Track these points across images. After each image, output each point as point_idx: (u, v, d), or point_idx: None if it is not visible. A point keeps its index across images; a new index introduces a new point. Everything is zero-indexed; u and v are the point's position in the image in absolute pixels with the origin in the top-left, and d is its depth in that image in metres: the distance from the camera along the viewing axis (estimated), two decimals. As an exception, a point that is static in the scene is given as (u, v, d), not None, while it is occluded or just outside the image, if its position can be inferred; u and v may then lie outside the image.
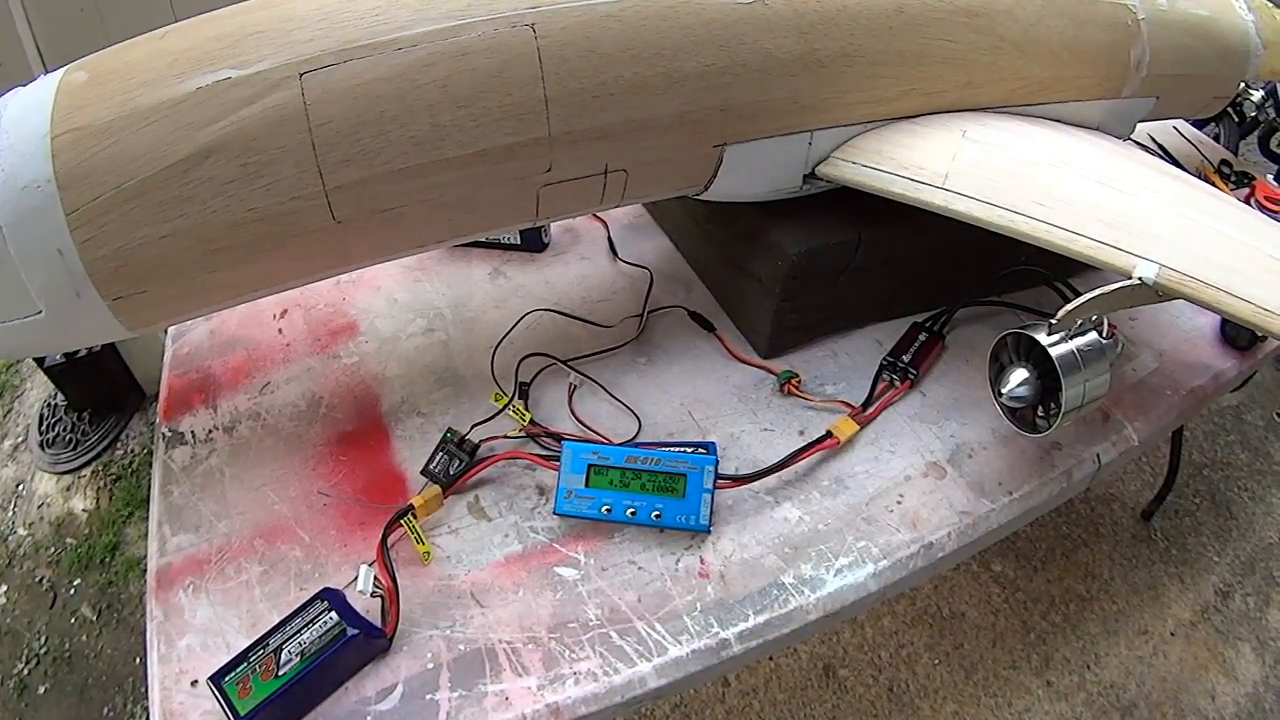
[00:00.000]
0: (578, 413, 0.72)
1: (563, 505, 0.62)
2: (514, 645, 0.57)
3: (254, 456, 0.71)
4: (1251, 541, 1.56)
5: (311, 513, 0.66)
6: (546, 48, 0.55)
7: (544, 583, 0.61)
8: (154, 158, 0.50)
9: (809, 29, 0.61)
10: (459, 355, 0.79)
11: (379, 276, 0.88)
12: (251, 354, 0.81)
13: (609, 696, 0.55)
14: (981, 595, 1.52)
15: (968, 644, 1.45)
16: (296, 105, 0.51)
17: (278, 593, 0.61)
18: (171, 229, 0.51)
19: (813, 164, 0.69)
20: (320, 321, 0.84)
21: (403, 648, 0.58)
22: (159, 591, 0.62)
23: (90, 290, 0.52)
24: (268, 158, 0.51)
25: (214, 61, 0.51)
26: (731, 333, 0.80)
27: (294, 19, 0.53)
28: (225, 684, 0.53)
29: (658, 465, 0.62)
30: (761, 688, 1.41)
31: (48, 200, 0.49)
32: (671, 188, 0.68)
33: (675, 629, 0.58)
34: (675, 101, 0.59)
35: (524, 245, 0.90)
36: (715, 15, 0.59)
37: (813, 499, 0.65)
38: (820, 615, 0.59)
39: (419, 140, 0.54)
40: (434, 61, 0.53)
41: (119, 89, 0.51)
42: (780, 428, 0.71)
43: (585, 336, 0.80)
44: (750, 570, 0.61)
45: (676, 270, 0.87)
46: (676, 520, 0.61)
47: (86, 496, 1.80)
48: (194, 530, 0.65)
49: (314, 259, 0.58)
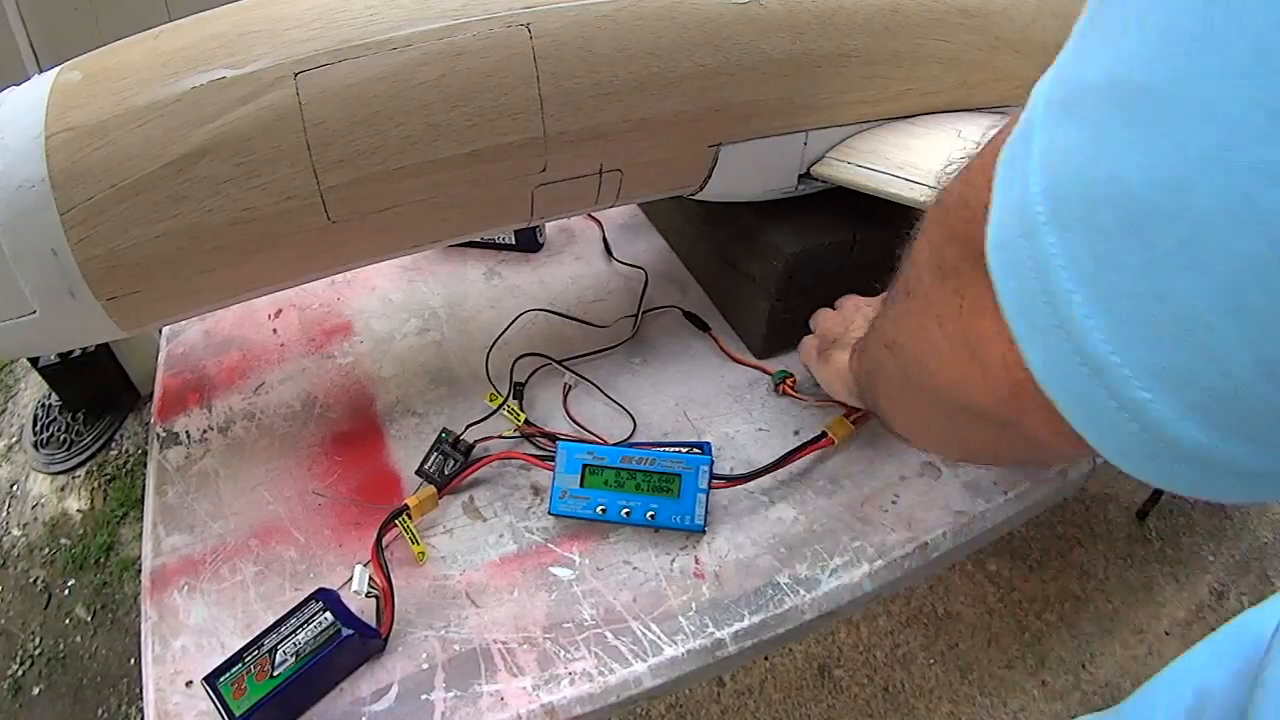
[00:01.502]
0: (573, 413, 0.72)
1: (557, 505, 0.62)
2: (509, 645, 0.57)
3: (249, 457, 0.71)
4: (1246, 541, 1.56)
5: (306, 513, 0.66)
6: (541, 48, 0.55)
7: (539, 583, 0.61)
8: (148, 157, 0.50)
9: (804, 29, 0.61)
10: (454, 355, 0.79)
11: (374, 276, 0.88)
12: (246, 354, 0.81)
13: (604, 696, 0.55)
14: (977, 595, 1.53)
15: (963, 644, 1.46)
16: (291, 105, 0.51)
17: (272, 593, 0.61)
18: (166, 229, 0.51)
19: (808, 164, 0.69)
20: (315, 321, 0.84)
21: (398, 648, 0.58)
22: (153, 592, 0.62)
23: (84, 290, 0.52)
24: (262, 157, 0.51)
25: (208, 61, 0.51)
26: (726, 333, 0.80)
27: (288, 19, 0.53)
28: (220, 685, 0.53)
29: (652, 465, 0.62)
30: (757, 688, 1.42)
31: (42, 200, 0.49)
32: (667, 188, 0.68)
33: (670, 629, 0.58)
34: (670, 101, 0.59)
35: (519, 245, 0.90)
36: (710, 15, 0.59)
37: (808, 499, 0.65)
38: (815, 615, 0.59)
39: (414, 140, 0.54)
40: (429, 61, 0.53)
41: (113, 88, 0.51)
42: (775, 428, 0.71)
43: (580, 336, 0.80)
44: (745, 570, 0.61)
45: (671, 270, 0.88)
46: (671, 520, 0.61)
47: (81, 497, 1.80)
48: (189, 531, 0.65)
49: (309, 259, 0.58)
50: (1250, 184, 0.17)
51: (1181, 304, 0.19)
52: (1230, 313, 0.18)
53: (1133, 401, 0.21)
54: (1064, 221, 0.21)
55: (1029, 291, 0.23)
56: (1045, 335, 0.22)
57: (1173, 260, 0.19)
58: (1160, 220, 0.19)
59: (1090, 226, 0.21)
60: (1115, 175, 0.20)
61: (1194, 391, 0.19)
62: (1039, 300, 0.22)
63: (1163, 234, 0.19)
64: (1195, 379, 0.19)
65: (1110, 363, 0.21)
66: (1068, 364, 0.22)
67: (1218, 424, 0.20)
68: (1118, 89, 0.21)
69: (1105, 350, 0.21)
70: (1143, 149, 0.20)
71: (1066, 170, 0.22)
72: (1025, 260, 0.23)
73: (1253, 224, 0.17)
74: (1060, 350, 0.22)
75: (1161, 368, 0.20)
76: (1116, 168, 0.20)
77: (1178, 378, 0.20)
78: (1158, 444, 0.21)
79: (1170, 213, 0.19)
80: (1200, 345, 0.19)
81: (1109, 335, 0.21)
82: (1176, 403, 0.20)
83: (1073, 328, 0.21)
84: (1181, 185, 0.18)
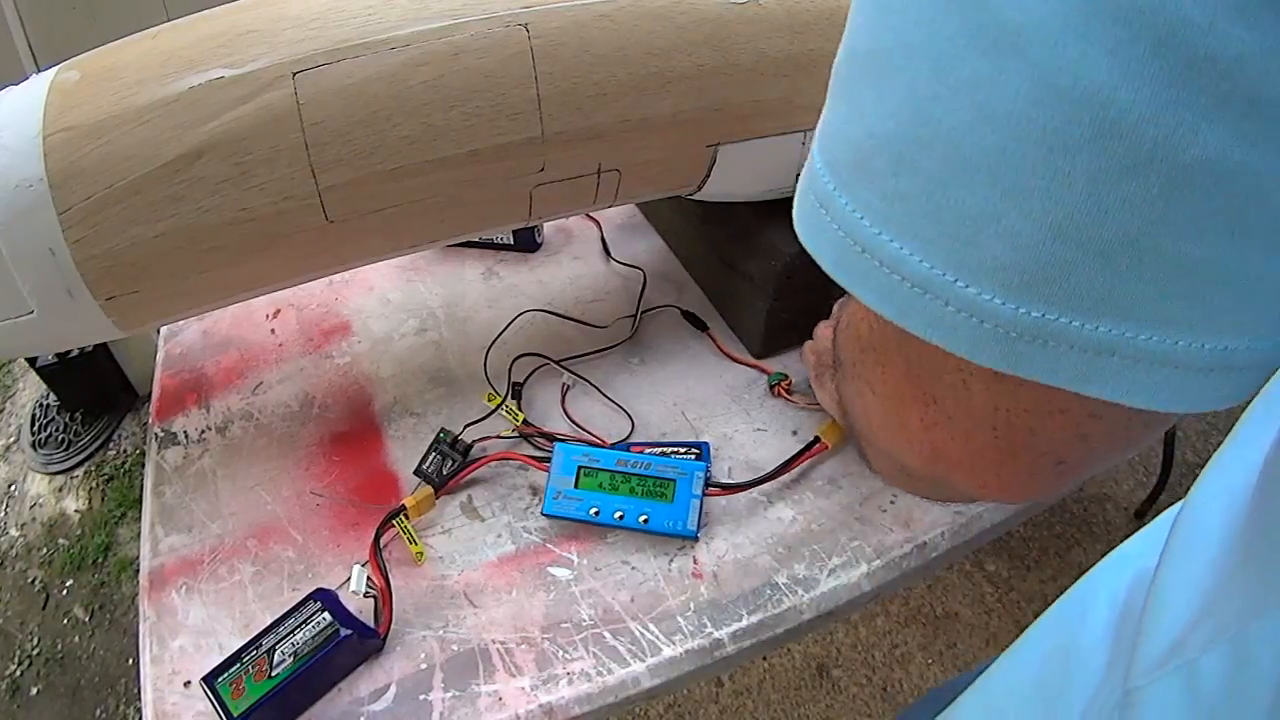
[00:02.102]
0: (571, 413, 0.72)
1: (551, 506, 0.62)
2: (507, 645, 0.57)
3: (247, 457, 0.71)
4: (1243, 541, 1.56)
5: (304, 513, 0.66)
6: (540, 48, 0.55)
7: (537, 583, 0.61)
8: (146, 157, 0.50)
9: (803, 28, 0.61)
10: (452, 355, 0.79)
11: (371, 276, 0.88)
12: (244, 354, 0.81)
13: (602, 696, 0.55)
14: (975, 595, 1.53)
15: (961, 643, 1.46)
16: (289, 105, 0.51)
17: (270, 593, 0.61)
18: (164, 228, 0.51)
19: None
20: (313, 321, 0.84)
21: (396, 648, 0.58)
22: (151, 592, 0.62)
23: (82, 290, 0.52)
24: (260, 157, 0.51)
25: (207, 61, 0.51)
26: (724, 333, 0.80)
27: (287, 18, 0.53)
28: (218, 685, 0.53)
29: (648, 469, 0.62)
30: (755, 687, 1.42)
31: (40, 200, 0.49)
32: (665, 188, 0.68)
33: (668, 629, 0.58)
34: (669, 101, 0.59)
35: (517, 245, 0.90)
36: (709, 15, 0.59)
37: (806, 499, 0.65)
38: (814, 615, 0.59)
39: (412, 140, 0.54)
40: (427, 61, 0.53)
41: (111, 88, 0.51)
42: (773, 428, 0.71)
43: (578, 336, 0.80)
44: (743, 570, 0.61)
45: (670, 270, 0.88)
46: (664, 525, 0.61)
47: (79, 497, 1.80)
48: (186, 531, 0.65)
49: (307, 259, 0.58)
50: (971, 93, 0.20)
51: (962, 207, 0.22)
52: (999, 198, 0.21)
53: (964, 300, 0.23)
54: (847, 181, 0.24)
55: (844, 247, 0.25)
56: (871, 276, 0.25)
57: (940, 176, 0.22)
58: (918, 149, 0.22)
59: (869, 176, 0.24)
60: (873, 129, 0.23)
61: (1005, 273, 0.22)
62: (854, 251, 0.25)
63: (925, 159, 0.22)
64: (1001, 261, 0.22)
65: (933, 276, 0.23)
66: (900, 291, 0.24)
67: (1037, 296, 0.22)
68: (855, 58, 0.24)
69: (924, 269, 0.23)
70: (886, 100, 0.23)
71: (836, 140, 0.25)
72: (830, 224, 0.25)
73: (985, 123, 0.20)
74: (889, 283, 0.24)
75: (973, 263, 0.22)
76: (871, 123, 0.23)
77: (988, 266, 0.22)
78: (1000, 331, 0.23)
79: (924, 140, 0.22)
80: (991, 232, 0.21)
81: (922, 255, 0.23)
82: (996, 287, 0.22)
83: (891, 261, 0.24)
84: (923, 117, 0.22)
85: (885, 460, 0.36)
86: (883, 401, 0.31)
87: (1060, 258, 0.21)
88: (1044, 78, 0.19)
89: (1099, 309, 0.22)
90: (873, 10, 0.23)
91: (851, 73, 0.25)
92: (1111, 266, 0.21)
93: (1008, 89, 0.20)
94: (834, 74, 0.26)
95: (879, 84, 0.23)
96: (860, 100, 0.24)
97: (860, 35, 0.24)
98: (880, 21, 0.23)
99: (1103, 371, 0.23)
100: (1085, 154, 0.20)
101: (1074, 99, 0.19)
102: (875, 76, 0.23)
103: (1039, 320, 0.22)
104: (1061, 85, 0.19)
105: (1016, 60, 0.20)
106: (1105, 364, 0.22)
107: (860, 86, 0.24)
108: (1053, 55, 0.19)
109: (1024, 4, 0.19)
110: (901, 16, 0.22)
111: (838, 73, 0.26)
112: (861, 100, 0.24)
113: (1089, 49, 0.19)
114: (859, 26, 0.24)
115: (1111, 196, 0.20)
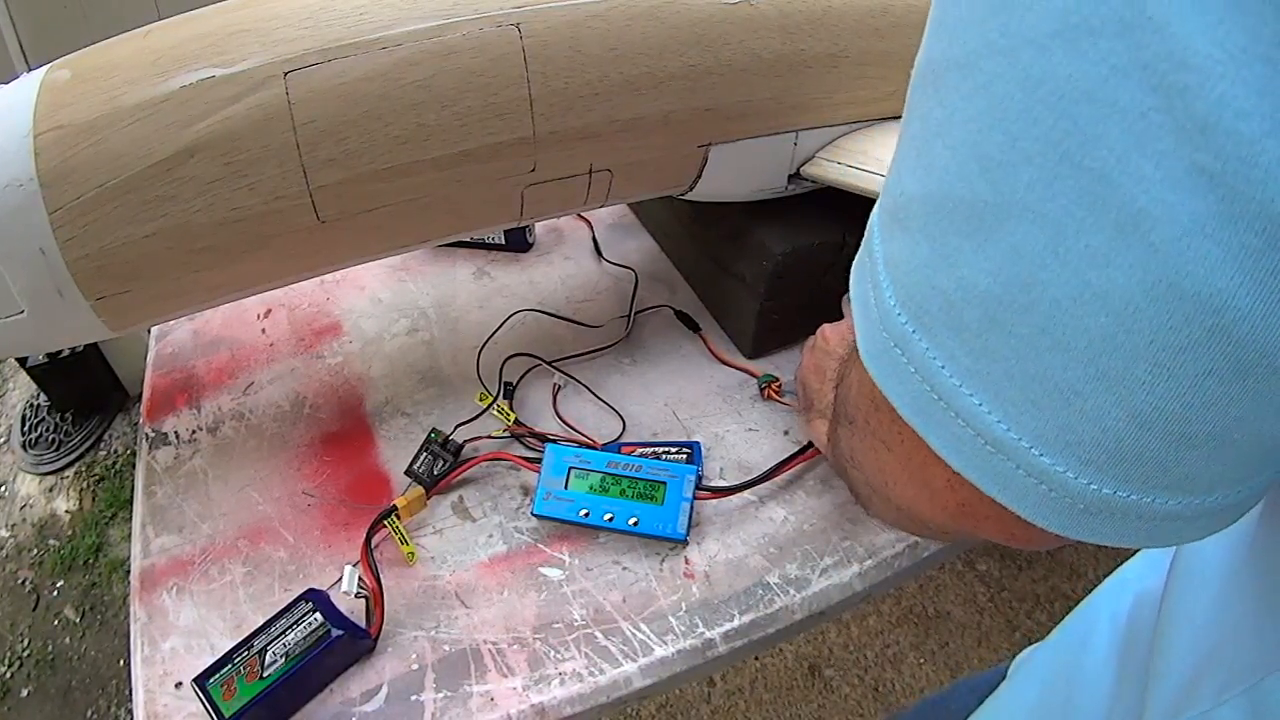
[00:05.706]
0: (562, 413, 0.72)
1: (541, 506, 0.62)
2: (499, 646, 0.57)
3: (238, 457, 0.71)
4: (1233, 540, 1.57)
5: (295, 513, 0.66)
6: (531, 47, 0.55)
7: (529, 583, 0.61)
8: (137, 156, 0.50)
9: (795, 29, 0.61)
10: (443, 355, 0.79)
11: (363, 276, 0.88)
12: (235, 354, 0.80)
13: (594, 697, 0.55)
14: (967, 594, 1.53)
15: (953, 643, 1.46)
16: (280, 104, 0.51)
17: (262, 594, 0.61)
18: (155, 228, 0.51)
19: (798, 164, 0.69)
20: (304, 321, 0.83)
21: (387, 649, 0.58)
22: (142, 593, 0.61)
23: (73, 290, 0.52)
24: (251, 157, 0.51)
25: (198, 60, 0.51)
26: (716, 333, 0.80)
27: (278, 18, 0.53)
28: (209, 686, 0.53)
29: (638, 472, 0.62)
30: (747, 687, 1.42)
31: (30, 199, 0.49)
32: (656, 188, 0.68)
33: (660, 629, 0.58)
34: (660, 101, 0.59)
35: (508, 245, 0.90)
36: (701, 15, 0.59)
37: (798, 499, 0.65)
38: (805, 615, 0.60)
39: (403, 140, 0.54)
40: (418, 61, 0.53)
41: (102, 87, 0.50)
42: (765, 428, 0.71)
43: (570, 337, 0.80)
44: (735, 570, 0.61)
45: (661, 271, 0.88)
46: (653, 528, 0.61)
47: (69, 497, 1.79)
48: (178, 531, 0.65)
49: (298, 259, 0.58)
50: (1084, 269, 0.20)
51: (1052, 379, 0.21)
52: (1094, 380, 0.21)
53: (1036, 468, 0.23)
54: (930, 328, 0.24)
55: (919, 392, 0.25)
56: (945, 426, 0.25)
57: (1036, 344, 0.21)
58: (1016, 313, 0.21)
59: (956, 328, 0.23)
60: (966, 282, 0.23)
61: (1084, 449, 0.22)
62: (930, 398, 0.25)
63: (1022, 324, 0.21)
64: (1082, 438, 0.22)
65: (1009, 439, 0.23)
66: (972, 446, 0.24)
67: (1111, 475, 0.22)
68: (945, 204, 0.23)
69: (1001, 430, 0.23)
70: (985, 256, 0.22)
71: (917, 281, 0.24)
72: (906, 366, 0.25)
73: (1093, 302, 0.20)
74: (962, 436, 0.24)
75: (1052, 434, 0.22)
76: (965, 275, 0.23)
77: (1068, 440, 0.22)
78: (1068, 501, 0.23)
79: (1023, 305, 0.21)
80: (1078, 410, 0.21)
81: (1001, 416, 0.23)
82: (1073, 461, 0.22)
83: (968, 415, 0.24)
84: (1027, 281, 0.21)
85: (895, 513, 0.36)
86: (901, 460, 0.30)
87: (1143, 444, 0.21)
88: (1165, 274, 0.19)
89: (1168, 487, 0.22)
90: (972, 155, 0.22)
91: (941, 214, 0.23)
92: (1194, 454, 0.21)
93: (1123, 274, 0.19)
94: (903, 207, 0.25)
95: (978, 237, 0.22)
96: (952, 249, 0.23)
97: (953, 179, 0.23)
98: (982, 169, 0.22)
99: (1150, 531, 0.23)
100: (1192, 354, 0.19)
101: (1193, 300, 0.19)
102: (973, 229, 0.22)
103: (1109, 496, 0.22)
104: (1183, 286, 0.19)
105: (1140, 248, 0.19)
106: (1156, 527, 0.23)
107: (953, 236, 0.23)
108: (1177, 251, 0.18)
109: (1155, 192, 0.18)
110: (1010, 173, 0.21)
111: (916, 201, 0.24)
112: (955, 250, 0.23)
113: (1216, 251, 0.18)
114: (950, 168, 0.23)
115: (1212, 395, 0.20)
